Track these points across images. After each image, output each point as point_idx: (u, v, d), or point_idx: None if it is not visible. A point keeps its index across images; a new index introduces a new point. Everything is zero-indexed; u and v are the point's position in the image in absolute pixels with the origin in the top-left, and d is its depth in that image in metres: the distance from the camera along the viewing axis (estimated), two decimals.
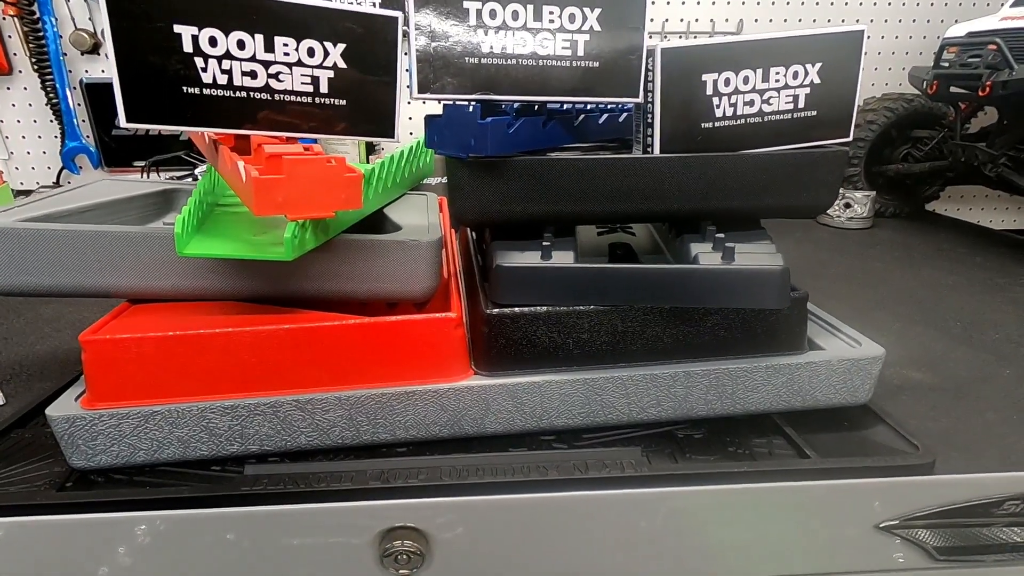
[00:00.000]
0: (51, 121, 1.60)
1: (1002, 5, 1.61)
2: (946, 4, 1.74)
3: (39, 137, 1.63)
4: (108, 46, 0.50)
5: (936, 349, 0.86)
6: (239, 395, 0.55)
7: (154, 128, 0.54)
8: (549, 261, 0.60)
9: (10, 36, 1.53)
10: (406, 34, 0.56)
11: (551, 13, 0.58)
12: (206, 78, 0.53)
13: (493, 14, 0.56)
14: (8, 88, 1.58)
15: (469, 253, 0.81)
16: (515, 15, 0.57)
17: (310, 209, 0.51)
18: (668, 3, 1.70)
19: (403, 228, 0.67)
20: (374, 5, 1.51)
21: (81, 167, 1.65)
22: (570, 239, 0.65)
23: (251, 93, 0.55)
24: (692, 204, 0.64)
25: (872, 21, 1.75)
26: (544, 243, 0.61)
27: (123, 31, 0.50)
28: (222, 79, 0.54)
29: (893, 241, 1.46)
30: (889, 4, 1.73)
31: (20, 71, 1.56)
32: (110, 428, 0.54)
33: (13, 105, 1.59)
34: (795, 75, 0.65)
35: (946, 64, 1.32)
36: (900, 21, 1.76)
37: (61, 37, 1.53)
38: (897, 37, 1.77)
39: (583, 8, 0.59)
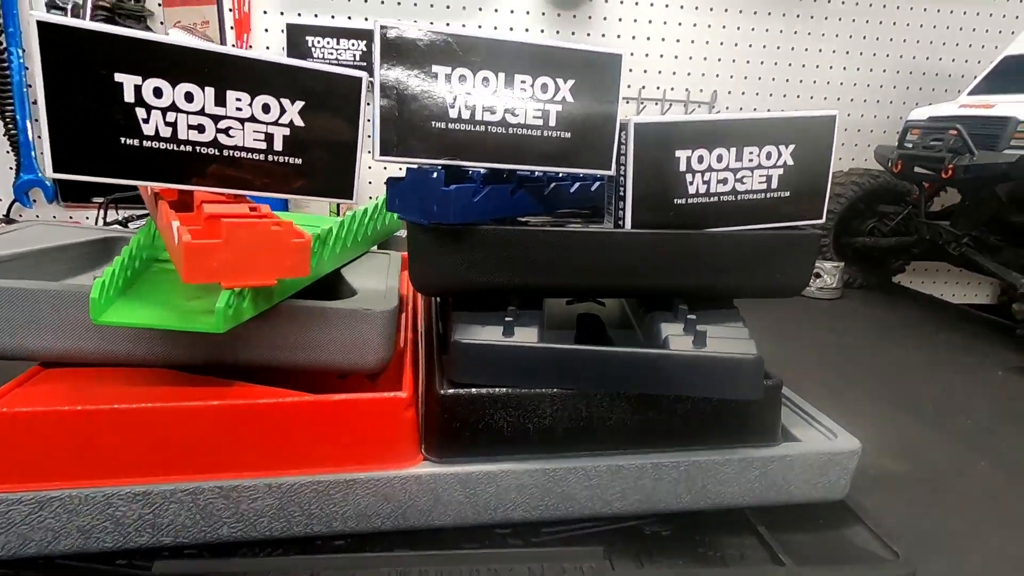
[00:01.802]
0: (7, 152, 1.53)
1: (959, 92, 1.70)
2: (907, 88, 1.83)
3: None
4: (38, 88, 0.46)
5: (910, 435, 0.83)
6: (153, 479, 0.49)
7: (85, 179, 0.49)
8: (511, 339, 0.56)
9: None
10: (372, 87, 0.53)
11: (523, 82, 0.56)
12: (147, 130, 0.49)
13: (463, 79, 0.54)
14: None
15: (432, 315, 0.77)
16: (486, 82, 0.55)
17: (249, 277, 0.46)
18: (645, 71, 1.74)
19: (359, 293, 0.63)
20: (354, 58, 1.51)
21: (35, 200, 1.58)
22: (536, 313, 0.61)
23: (197, 147, 0.51)
24: (663, 281, 0.62)
25: (839, 99, 1.82)
26: (507, 318, 0.58)
27: (57, 75, 0.46)
28: (165, 131, 0.50)
29: (862, 314, 1.46)
30: (855, 84, 1.81)
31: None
32: None
33: None
34: (768, 156, 0.64)
35: (910, 145, 1.37)
36: (865, 101, 1.84)
37: (28, 69, 1.49)
38: (863, 115, 1.84)
39: (556, 79, 0.57)
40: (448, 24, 1.65)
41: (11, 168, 1.55)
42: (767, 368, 0.57)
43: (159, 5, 1.53)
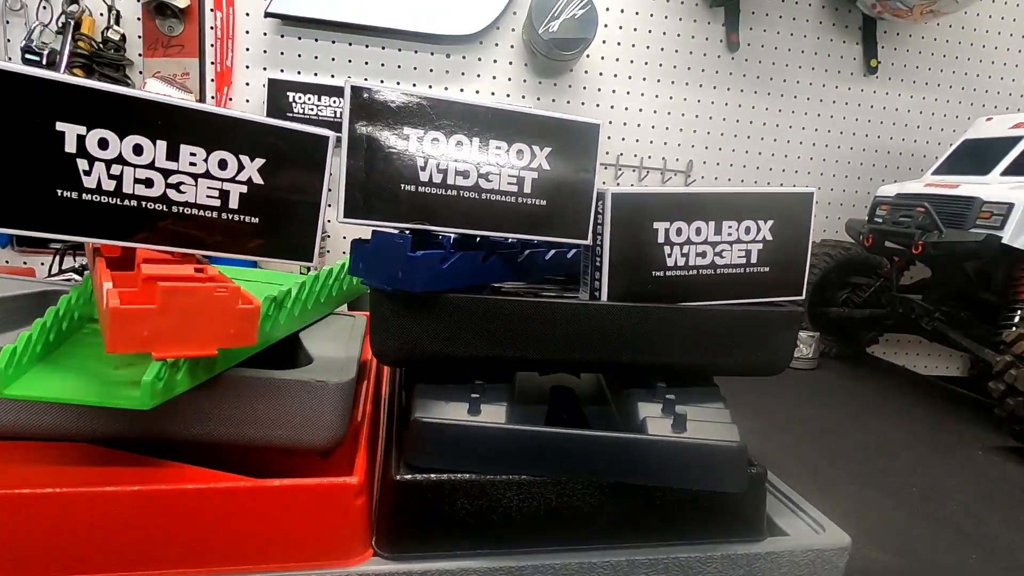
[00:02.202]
0: None
1: (922, 171, 1.76)
2: (873, 165, 1.90)
3: None
4: None
5: (897, 522, 0.79)
6: None
7: (15, 233, 0.45)
8: (477, 417, 0.52)
9: None
10: (340, 144, 0.50)
11: (498, 148, 0.54)
12: (88, 182, 0.46)
13: (436, 142, 0.52)
14: None
15: (395, 387, 0.72)
16: (459, 145, 0.53)
17: (186, 347, 0.42)
18: (623, 139, 1.78)
19: (314, 361, 0.58)
20: (335, 114, 1.51)
21: None
22: (505, 388, 0.57)
23: (143, 203, 0.47)
24: (640, 356, 0.58)
25: (809, 173, 1.88)
26: (473, 394, 0.53)
27: None
28: (109, 185, 0.46)
29: (839, 386, 1.45)
30: (823, 160, 1.87)
31: None
32: None
33: None
34: (747, 230, 0.62)
35: (880, 220, 1.40)
36: (834, 175, 1.90)
37: None
38: (832, 189, 1.90)
39: (532, 145, 0.55)
40: (431, 87, 1.67)
41: None
42: (749, 451, 0.53)
43: (139, 55, 1.53)
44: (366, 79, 1.44)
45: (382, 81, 1.61)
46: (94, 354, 0.49)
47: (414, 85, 1.63)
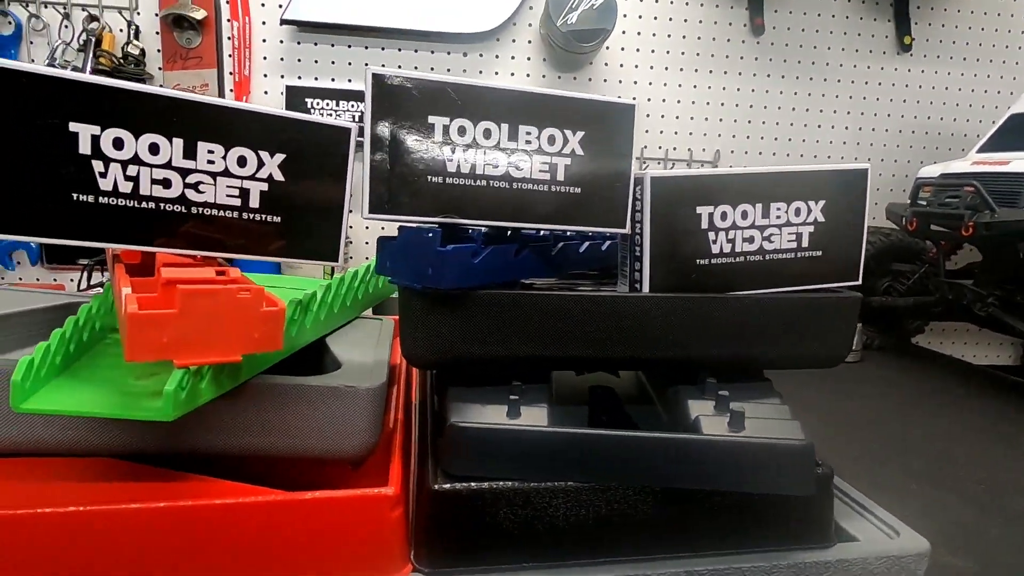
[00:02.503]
0: None
1: (963, 150, 1.68)
2: (911, 146, 1.82)
3: None
4: None
5: (966, 522, 0.73)
6: None
7: (32, 240, 0.43)
8: (517, 421, 0.48)
9: None
10: (360, 145, 0.48)
11: (528, 134, 0.51)
12: (104, 184, 0.44)
13: (462, 131, 0.49)
14: None
15: (427, 391, 0.69)
16: (487, 133, 0.50)
17: (209, 353, 0.39)
18: (647, 132, 1.74)
19: (343, 366, 0.55)
20: (353, 119, 1.50)
21: (19, 263, 1.52)
22: (543, 388, 0.53)
23: (161, 204, 0.45)
24: (686, 350, 0.54)
25: (843, 157, 1.81)
26: (512, 396, 0.50)
27: (2, 123, 0.40)
28: (125, 187, 0.44)
29: (884, 379, 1.38)
30: (858, 143, 1.80)
31: None
32: None
33: None
34: (797, 212, 0.58)
35: (923, 203, 1.33)
36: (869, 159, 1.82)
37: None
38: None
39: (564, 130, 0.52)
40: None
41: None
42: None
43: (159, 69, 1.53)
44: None
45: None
46: (115, 364, 0.47)
47: None
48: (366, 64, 1.63)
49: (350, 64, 1.62)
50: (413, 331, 0.50)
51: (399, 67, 1.64)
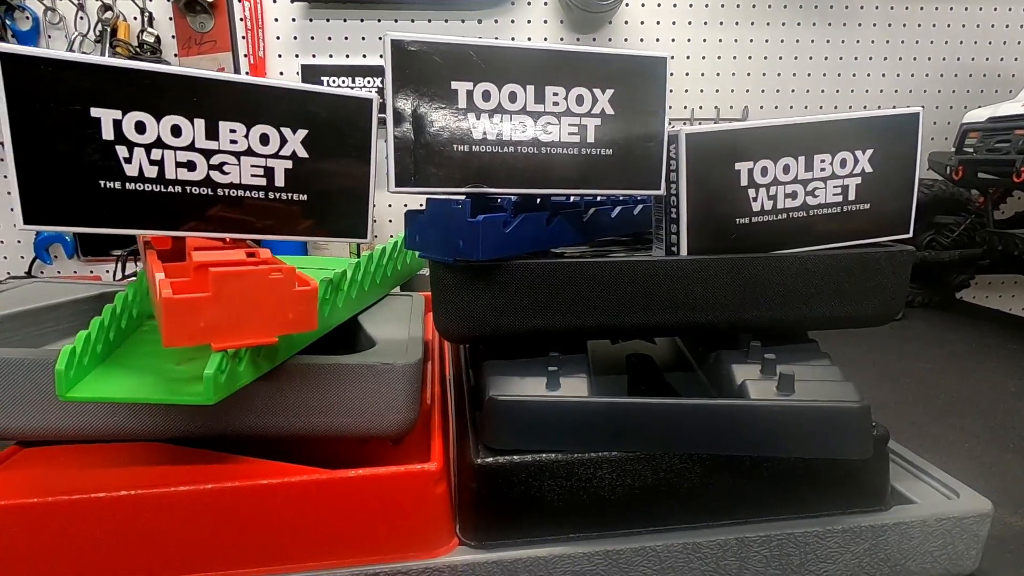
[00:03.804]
0: None
1: (1010, 92, 1.58)
2: (954, 91, 1.72)
3: (14, 225, 1.55)
4: (3, 130, 0.40)
5: None
6: None
7: (61, 230, 0.43)
8: (557, 392, 0.47)
9: None
10: (383, 121, 0.46)
11: (555, 95, 0.49)
12: (130, 170, 0.43)
13: (486, 96, 0.47)
14: None
15: (461, 363, 0.69)
16: (512, 97, 0.48)
17: (245, 335, 0.39)
18: (671, 91, 1.67)
19: (377, 344, 0.55)
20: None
21: (56, 256, 1.56)
22: (581, 359, 0.52)
23: (187, 188, 0.45)
24: (726, 314, 0.52)
25: (880, 107, 1.72)
26: (551, 367, 0.49)
27: (24, 114, 0.40)
28: (151, 171, 0.44)
29: (930, 336, 1.33)
30: (896, 91, 1.71)
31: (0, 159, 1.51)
32: None
33: None
34: (843, 163, 0.55)
35: (970, 149, 1.26)
36: (909, 107, 1.73)
37: None
38: None
39: (593, 89, 0.49)
40: None
41: None
42: None
43: (175, 55, 1.53)
44: None
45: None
46: (154, 351, 0.47)
47: None
48: (379, 38, 1.60)
49: (363, 39, 1.59)
50: (446, 305, 0.49)
51: None
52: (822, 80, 1.69)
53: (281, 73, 1.59)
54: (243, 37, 1.54)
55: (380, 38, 1.57)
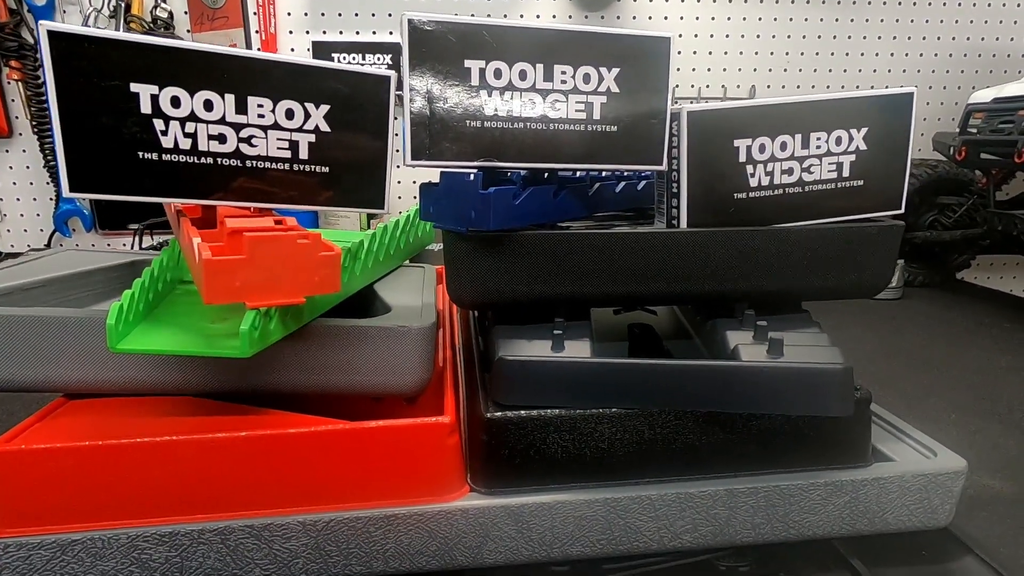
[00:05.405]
0: (47, 183, 1.56)
1: (1019, 72, 1.58)
2: (962, 71, 1.71)
3: (34, 200, 1.59)
4: (51, 104, 0.43)
5: (1008, 448, 0.74)
6: (179, 519, 0.45)
7: (103, 198, 0.46)
8: (561, 353, 0.51)
9: (13, 100, 1.52)
10: (399, 98, 0.49)
11: (563, 73, 0.51)
12: (166, 142, 0.46)
13: (498, 74, 0.50)
14: (7, 151, 1.56)
15: (470, 331, 0.72)
16: (523, 75, 0.50)
17: (275, 295, 0.42)
18: (678, 69, 1.68)
19: (393, 310, 0.58)
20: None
21: (74, 230, 1.60)
22: (585, 324, 0.56)
23: (218, 159, 0.48)
24: (724, 284, 0.55)
25: (887, 87, 1.72)
26: (556, 331, 0.52)
27: (70, 89, 0.43)
28: (185, 143, 0.47)
29: (929, 314, 1.36)
30: (903, 71, 1.71)
31: (20, 134, 1.54)
32: (18, 561, 0.43)
33: (10, 167, 1.57)
34: (838, 141, 0.57)
35: (974, 130, 1.27)
36: (916, 87, 1.73)
37: None
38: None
39: (599, 68, 0.52)
40: None
41: (51, 199, 1.58)
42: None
43: (188, 31, 1.55)
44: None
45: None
46: (190, 311, 0.51)
47: None
48: (388, 15, 1.61)
49: (374, 15, 1.60)
50: (459, 273, 0.53)
51: None
52: (829, 59, 1.69)
53: (292, 49, 1.60)
54: (254, 13, 1.56)
55: (390, 15, 1.59)
